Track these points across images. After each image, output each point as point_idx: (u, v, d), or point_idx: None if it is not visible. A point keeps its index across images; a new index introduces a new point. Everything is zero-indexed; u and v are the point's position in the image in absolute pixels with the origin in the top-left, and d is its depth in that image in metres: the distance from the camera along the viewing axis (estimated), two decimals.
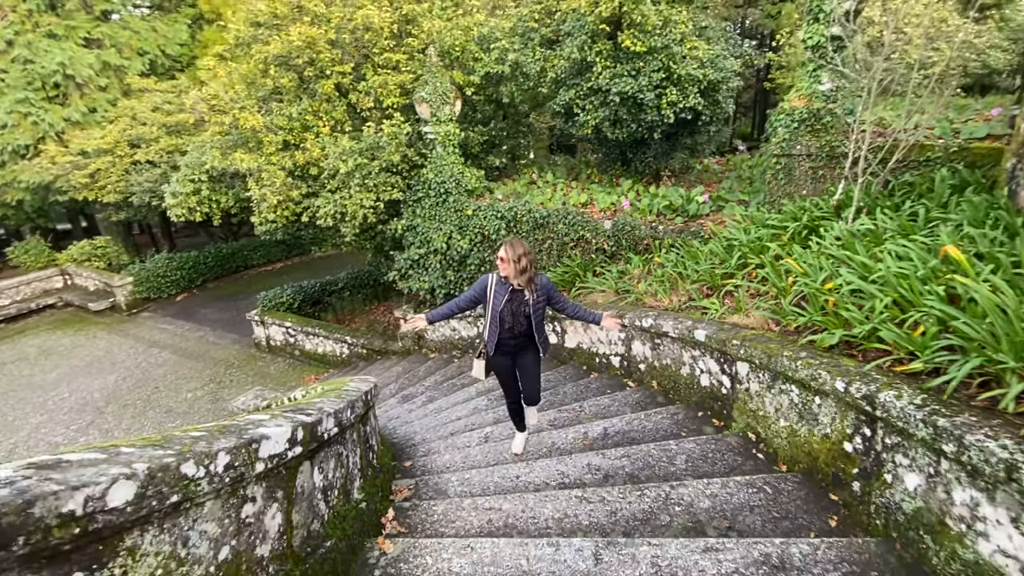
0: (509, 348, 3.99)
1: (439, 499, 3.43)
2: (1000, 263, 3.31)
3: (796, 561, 2.53)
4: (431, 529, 3.04)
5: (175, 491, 1.48)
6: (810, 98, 6.02)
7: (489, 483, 3.67)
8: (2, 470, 1.20)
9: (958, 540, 2.37)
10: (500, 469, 3.86)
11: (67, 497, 1.20)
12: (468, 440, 4.76)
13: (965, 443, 2.24)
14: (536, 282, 3.81)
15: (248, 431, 1.84)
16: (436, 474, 4.01)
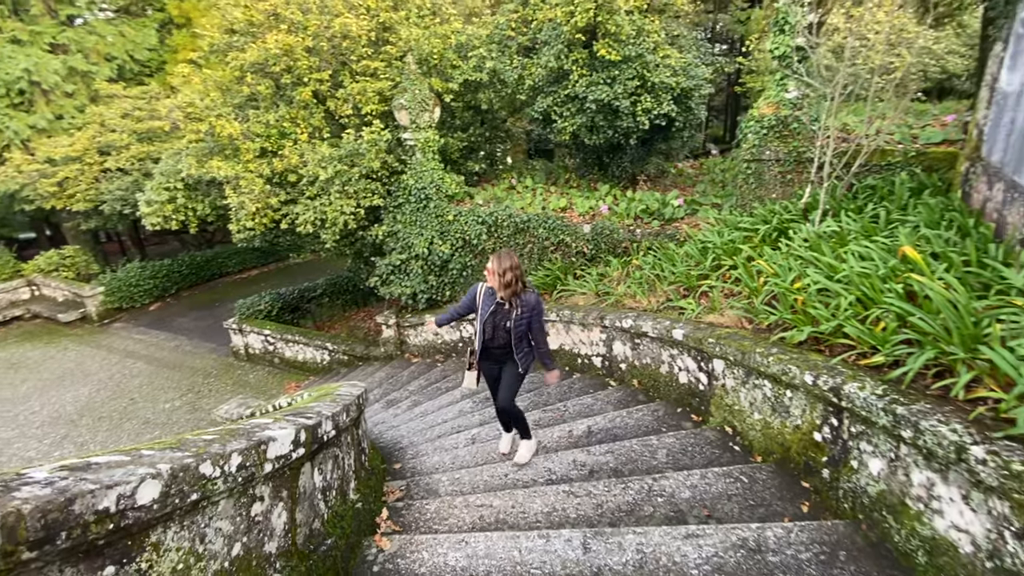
0: (494, 356, 4.00)
1: (431, 498, 3.53)
2: (952, 262, 3.56)
3: (771, 544, 2.70)
4: (425, 526, 3.14)
5: (194, 490, 1.57)
6: (778, 105, 6.30)
7: (479, 482, 3.79)
8: (38, 472, 1.28)
9: (917, 518, 2.57)
10: (489, 468, 3.98)
11: (102, 495, 1.28)
12: (455, 442, 4.86)
13: (921, 428, 2.43)
14: (523, 298, 3.77)
15: (256, 434, 1.93)
16: (426, 475, 4.11)
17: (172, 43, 22.12)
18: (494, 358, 4.02)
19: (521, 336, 3.85)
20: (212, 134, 9.29)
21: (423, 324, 9.41)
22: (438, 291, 9.10)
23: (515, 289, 3.71)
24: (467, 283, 9.00)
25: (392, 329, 10.01)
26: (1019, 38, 4.67)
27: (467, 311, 4.05)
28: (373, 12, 9.32)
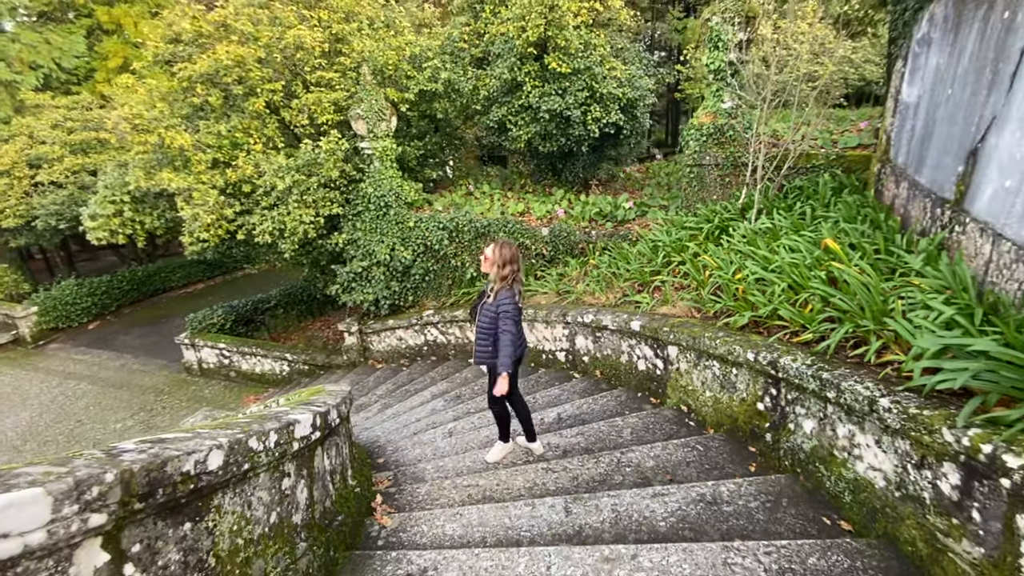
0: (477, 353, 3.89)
1: (419, 483, 3.78)
2: (866, 251, 4.14)
3: (725, 496, 3.13)
4: (419, 506, 3.40)
5: (246, 460, 1.80)
6: (715, 115, 6.90)
7: (462, 467, 4.07)
8: (126, 444, 1.50)
9: (842, 465, 3.06)
10: (470, 455, 4.27)
11: (185, 460, 1.51)
12: (433, 436, 5.12)
13: (842, 389, 2.91)
14: (502, 293, 3.64)
15: (283, 417, 2.16)
16: (410, 465, 4.35)
17: (101, 50, 21.26)
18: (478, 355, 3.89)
19: (485, 328, 3.72)
20: (162, 146, 9.14)
21: (387, 330, 9.56)
22: (401, 297, 9.29)
23: (506, 285, 3.64)
24: (429, 288, 9.23)
25: (355, 336, 10.10)
26: (916, 56, 5.39)
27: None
28: (325, 24, 9.45)
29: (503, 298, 3.63)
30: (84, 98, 17.05)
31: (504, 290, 3.66)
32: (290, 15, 9.15)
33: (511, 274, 3.64)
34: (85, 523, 1.25)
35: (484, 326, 3.72)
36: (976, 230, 3.49)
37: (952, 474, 2.33)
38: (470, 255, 8.56)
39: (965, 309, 2.82)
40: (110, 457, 1.37)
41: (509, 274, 3.63)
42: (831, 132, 7.79)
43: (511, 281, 3.66)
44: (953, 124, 4.18)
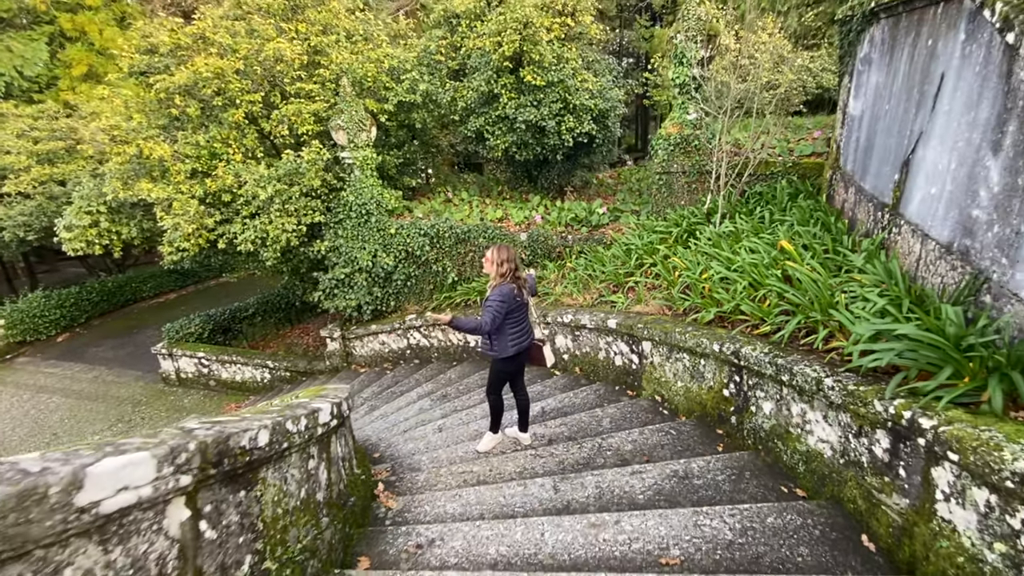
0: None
1: (417, 472, 4.06)
2: (816, 251, 4.60)
3: (696, 472, 3.51)
4: (419, 490, 3.68)
5: (284, 440, 2.07)
6: (681, 126, 7.37)
7: (455, 457, 4.37)
8: (192, 422, 1.77)
9: (796, 440, 3.47)
10: (461, 446, 4.57)
11: (242, 436, 1.78)
12: (423, 432, 5.40)
13: (794, 372, 3.32)
14: (496, 289, 3.97)
15: (308, 405, 2.43)
16: (406, 458, 4.62)
17: (65, 57, 20.87)
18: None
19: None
20: (140, 156, 9.20)
21: (370, 335, 9.77)
22: (383, 302, 9.51)
23: (505, 280, 3.96)
24: (411, 293, 9.48)
25: (337, 342, 10.27)
26: (859, 73, 5.93)
27: None
28: (304, 36, 9.65)
29: (493, 293, 3.94)
30: (50, 107, 16.75)
31: (500, 286, 3.96)
32: (268, 28, 9.33)
33: (508, 271, 3.95)
34: (177, 483, 1.51)
35: None
36: (909, 231, 3.97)
37: (883, 439, 2.74)
38: (451, 260, 8.85)
39: (895, 300, 3.26)
40: (186, 432, 1.64)
41: (507, 271, 3.94)
42: (788, 141, 8.35)
43: (509, 278, 3.96)
44: (890, 136, 4.69)
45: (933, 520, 2.43)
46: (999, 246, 2.82)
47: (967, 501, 2.25)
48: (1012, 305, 2.64)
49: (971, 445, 2.15)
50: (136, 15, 21.45)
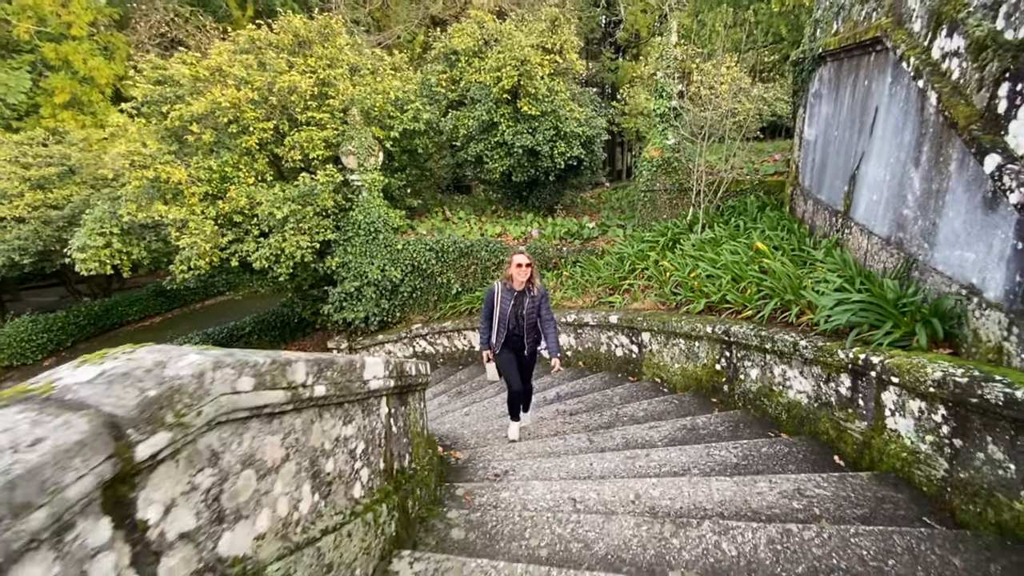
0: (513, 346, 4.60)
1: (465, 440, 4.75)
2: (785, 250, 5.56)
3: (700, 425, 4.33)
4: (475, 448, 4.38)
5: (420, 378, 2.79)
6: (662, 150, 8.39)
7: (492, 428, 5.05)
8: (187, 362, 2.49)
9: (779, 395, 4.33)
10: (495, 422, 5.30)
11: (407, 365, 2.52)
12: (453, 417, 6.08)
13: (775, 340, 4.20)
14: (536, 285, 4.47)
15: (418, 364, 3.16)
16: (447, 435, 5.23)
17: (47, 85, 21.05)
18: (513, 347, 4.61)
19: (534, 322, 4.56)
20: (156, 180, 9.74)
21: (376, 344, 10.38)
22: (389, 313, 10.17)
23: (530, 277, 4.42)
24: (416, 304, 10.17)
25: (344, 353, 10.81)
26: (812, 105, 7.04)
27: (490, 314, 4.56)
28: (312, 69, 10.43)
29: (542, 288, 4.61)
30: (39, 134, 16.98)
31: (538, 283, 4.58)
32: (281, 62, 10.09)
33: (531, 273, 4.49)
34: (389, 384, 2.22)
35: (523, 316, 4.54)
36: (858, 231, 4.96)
37: (846, 380, 3.63)
38: (455, 273, 9.61)
39: (850, 279, 4.20)
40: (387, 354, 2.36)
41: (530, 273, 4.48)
42: (753, 162, 9.50)
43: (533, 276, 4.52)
44: (839, 157, 5.73)
45: (884, 432, 3.30)
46: (922, 235, 3.78)
47: (906, 411, 3.13)
48: (932, 276, 3.59)
49: (906, 369, 3.03)
50: (121, 45, 21.85)
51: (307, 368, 1.67)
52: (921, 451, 3.02)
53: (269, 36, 10.67)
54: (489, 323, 4.59)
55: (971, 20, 3.29)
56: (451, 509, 2.73)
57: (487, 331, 4.61)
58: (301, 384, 1.62)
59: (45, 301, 20.56)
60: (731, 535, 2.45)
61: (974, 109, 3.16)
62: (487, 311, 4.59)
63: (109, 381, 1.10)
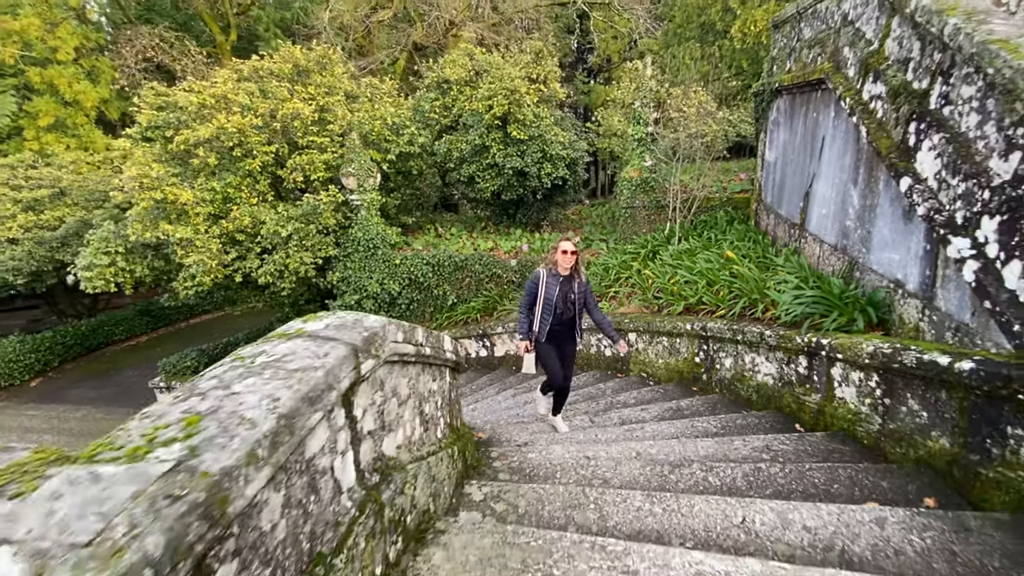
0: (556, 336, 4.50)
1: (481, 424, 5.39)
2: (752, 257, 6.40)
3: (684, 406, 5.06)
4: (492, 430, 5.02)
5: (457, 357, 3.47)
6: (640, 171, 9.26)
7: (503, 417, 5.72)
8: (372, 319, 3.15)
9: (749, 379, 5.11)
10: (504, 413, 5.95)
11: (446, 349, 3.18)
12: (472, 408, 6.68)
13: (745, 332, 4.98)
14: (581, 272, 4.48)
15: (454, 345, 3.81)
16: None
17: (31, 108, 21.15)
18: (556, 336, 4.51)
19: (581, 308, 4.52)
20: (163, 201, 10.21)
21: None
22: None
23: (576, 263, 4.38)
24: (413, 316, 10.77)
25: None
26: (771, 131, 7.98)
27: (532, 302, 4.46)
28: (311, 96, 11.08)
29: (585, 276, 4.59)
30: (27, 157, 17.16)
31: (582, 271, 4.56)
32: (283, 90, 10.72)
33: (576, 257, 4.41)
34: (452, 358, 2.89)
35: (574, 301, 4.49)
36: (812, 240, 5.82)
37: (803, 361, 4.41)
38: (450, 285, 10.27)
39: (804, 280, 5.02)
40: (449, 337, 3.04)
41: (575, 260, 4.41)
42: (722, 181, 10.46)
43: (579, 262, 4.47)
44: (795, 177, 6.63)
45: (834, 400, 4.08)
46: (861, 241, 4.63)
47: (849, 381, 3.91)
48: (868, 274, 4.42)
49: (848, 347, 3.81)
50: (106, 69, 22.12)
51: (424, 333, 2.33)
52: (862, 412, 3.80)
53: (270, 65, 11.30)
54: (530, 313, 4.48)
55: (889, 71, 4.17)
56: (493, 462, 3.38)
57: (527, 321, 4.50)
58: (421, 343, 2.28)
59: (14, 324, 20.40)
60: (715, 472, 3.16)
61: (893, 141, 4.02)
62: (528, 300, 4.46)
63: (337, 328, 1.75)
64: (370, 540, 1.72)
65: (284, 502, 1.33)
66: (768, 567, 1.94)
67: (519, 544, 2.04)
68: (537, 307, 4.44)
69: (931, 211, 3.39)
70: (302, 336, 1.68)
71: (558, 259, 4.37)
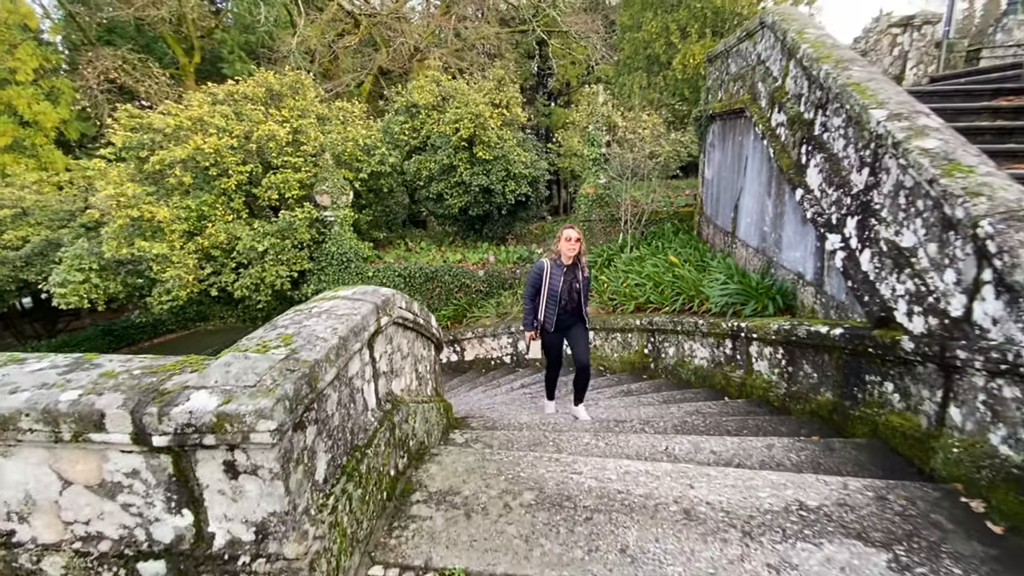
0: (562, 324, 4.53)
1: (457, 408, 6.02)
2: (692, 261, 7.29)
3: (634, 388, 5.83)
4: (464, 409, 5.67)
5: (440, 335, 4.10)
6: (596, 188, 10.15)
7: (473, 407, 6.36)
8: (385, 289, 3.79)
9: (689, 363, 5.91)
10: (476, 401, 6.59)
11: (434, 325, 3.81)
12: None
13: (684, 323, 5.80)
14: (584, 261, 4.49)
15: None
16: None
17: None
18: (562, 325, 4.53)
19: (586, 295, 4.54)
20: (140, 218, 10.53)
21: None
22: None
23: (580, 252, 4.39)
24: None
25: None
26: (709, 152, 8.98)
27: (536, 293, 4.49)
28: (286, 119, 11.64)
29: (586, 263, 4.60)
30: None
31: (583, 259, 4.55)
32: (258, 113, 11.25)
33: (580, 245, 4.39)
34: (439, 334, 3.55)
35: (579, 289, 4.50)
36: (740, 245, 6.74)
37: (729, 343, 5.24)
38: (422, 295, 10.87)
39: (732, 278, 5.89)
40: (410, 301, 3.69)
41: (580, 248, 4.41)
42: (669, 197, 11.46)
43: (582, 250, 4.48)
44: (727, 191, 7.58)
45: (753, 374, 4.90)
46: (774, 243, 5.52)
47: (763, 356, 4.74)
48: (780, 270, 5.31)
49: (760, 327, 4.64)
50: (67, 89, 22.03)
51: (419, 307, 3.00)
52: (773, 380, 4.62)
53: (245, 89, 11.82)
54: (534, 303, 4.51)
55: (788, 103, 5.11)
56: (471, 423, 4.04)
57: (532, 311, 4.53)
58: (417, 313, 2.94)
59: None
60: (651, 424, 3.90)
61: (792, 160, 4.93)
62: (532, 291, 4.49)
63: (362, 293, 2.41)
64: (387, 447, 2.37)
65: (338, 400, 1.98)
66: (677, 467, 2.66)
67: (495, 460, 2.71)
68: (542, 299, 4.46)
69: (816, 215, 4.27)
70: (338, 298, 2.33)
71: (562, 247, 4.35)
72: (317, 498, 1.75)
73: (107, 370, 1.67)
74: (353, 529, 1.93)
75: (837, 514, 2.30)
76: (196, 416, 1.44)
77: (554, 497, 2.38)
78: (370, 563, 2.03)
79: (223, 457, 1.52)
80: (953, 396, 2.67)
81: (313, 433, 1.77)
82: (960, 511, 2.36)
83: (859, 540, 2.15)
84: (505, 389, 7.28)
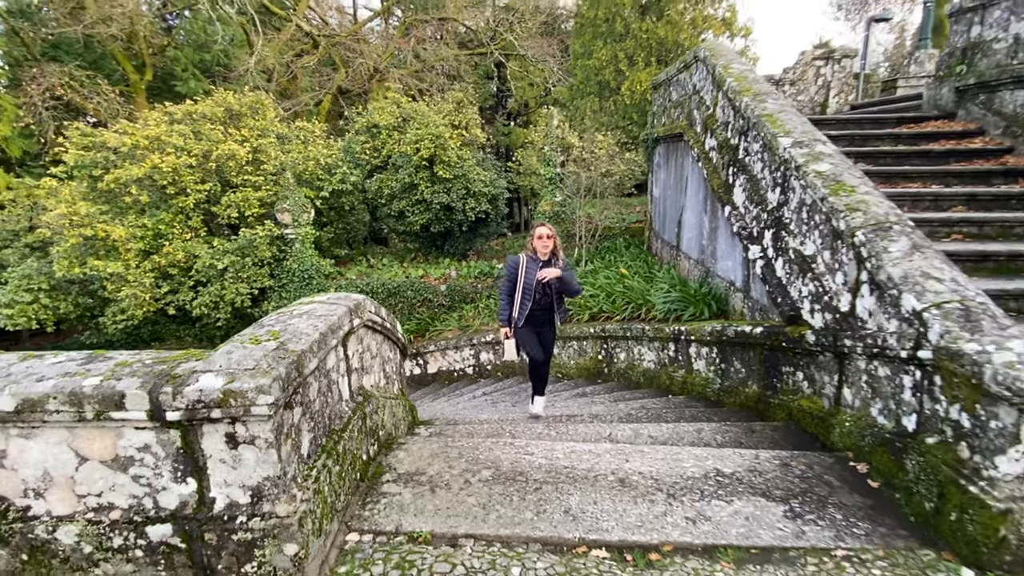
0: (535, 319, 4.50)
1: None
2: (641, 273, 7.81)
3: (589, 391, 6.24)
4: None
5: (404, 341, 4.39)
6: (552, 204, 10.65)
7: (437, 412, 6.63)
8: (357, 295, 4.09)
9: (638, 367, 6.37)
10: (440, 410, 6.86)
11: (399, 331, 4.11)
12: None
13: (633, 329, 6.27)
14: (560, 257, 4.42)
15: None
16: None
17: None
18: (535, 321, 4.51)
19: (560, 293, 4.51)
20: (95, 237, 10.41)
21: None
22: None
23: (555, 247, 4.38)
24: None
25: None
26: (655, 171, 9.61)
27: (512, 287, 4.47)
28: (246, 138, 11.74)
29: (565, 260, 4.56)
30: None
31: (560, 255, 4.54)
32: (217, 132, 11.33)
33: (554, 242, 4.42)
34: (403, 340, 3.84)
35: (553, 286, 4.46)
36: (683, 257, 7.30)
37: (672, 346, 5.71)
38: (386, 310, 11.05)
39: (674, 286, 6.41)
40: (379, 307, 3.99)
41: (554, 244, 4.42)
42: (622, 214, 12.09)
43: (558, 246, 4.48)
44: (672, 208, 8.17)
45: (693, 372, 5.38)
46: (711, 255, 6.07)
47: (701, 356, 5.22)
48: (715, 278, 5.84)
49: (696, 330, 5.13)
50: (9, 107, 21.32)
51: (386, 313, 3.32)
52: (709, 377, 5.10)
53: (203, 109, 11.87)
54: (510, 299, 4.50)
55: (718, 130, 5.70)
56: (434, 422, 4.35)
57: (507, 307, 4.52)
58: (384, 318, 3.26)
59: None
60: (599, 419, 4.29)
61: (722, 181, 5.50)
62: (509, 285, 4.49)
63: (337, 298, 2.72)
64: (360, 434, 2.67)
65: (318, 389, 2.28)
66: (617, 447, 3.05)
67: (456, 446, 3.04)
68: (517, 292, 4.43)
69: (741, 229, 4.81)
70: (316, 302, 2.64)
71: (535, 245, 4.37)
72: (303, 469, 2.04)
73: (122, 360, 1.94)
74: (332, 499, 2.22)
75: (747, 478, 2.72)
76: (206, 393, 1.73)
77: (509, 473, 2.72)
78: (347, 530, 2.32)
79: (225, 430, 1.81)
80: (845, 379, 3.16)
81: (299, 413, 2.07)
82: (848, 472, 2.83)
83: (763, 497, 2.57)
84: (467, 398, 7.57)
